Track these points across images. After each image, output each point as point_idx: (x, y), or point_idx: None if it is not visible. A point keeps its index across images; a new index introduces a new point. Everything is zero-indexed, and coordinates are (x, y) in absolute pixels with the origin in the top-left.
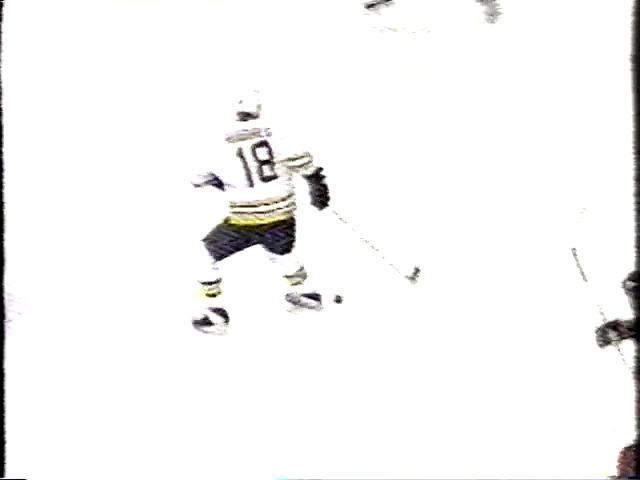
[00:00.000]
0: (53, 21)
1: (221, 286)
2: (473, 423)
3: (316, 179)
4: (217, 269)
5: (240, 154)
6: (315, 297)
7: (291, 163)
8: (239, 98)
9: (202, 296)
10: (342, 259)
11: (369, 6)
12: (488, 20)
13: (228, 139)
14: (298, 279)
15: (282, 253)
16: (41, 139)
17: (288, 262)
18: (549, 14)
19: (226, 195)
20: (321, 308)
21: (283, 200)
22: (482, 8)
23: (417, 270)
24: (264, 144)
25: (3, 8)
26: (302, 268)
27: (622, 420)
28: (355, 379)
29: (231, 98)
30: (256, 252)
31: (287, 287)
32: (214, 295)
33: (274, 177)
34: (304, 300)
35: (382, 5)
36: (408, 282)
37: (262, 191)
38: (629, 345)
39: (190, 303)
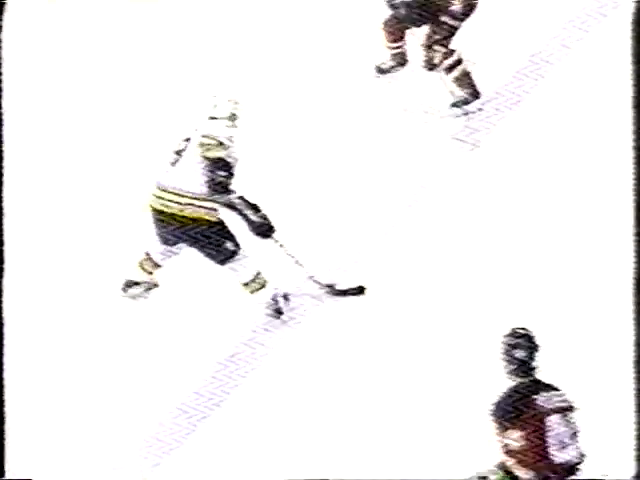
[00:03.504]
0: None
1: (157, 271)
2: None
3: (216, 166)
4: (164, 255)
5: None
6: (278, 312)
7: (199, 144)
8: (214, 103)
9: (137, 265)
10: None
11: (382, 71)
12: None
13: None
14: (255, 286)
15: (222, 262)
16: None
17: (237, 270)
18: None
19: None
20: (282, 320)
21: (197, 199)
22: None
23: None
24: (188, 139)
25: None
26: (258, 275)
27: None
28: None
29: (207, 102)
30: None
31: (248, 295)
32: (147, 272)
33: (177, 161)
34: (266, 310)
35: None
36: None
37: (171, 178)
38: None
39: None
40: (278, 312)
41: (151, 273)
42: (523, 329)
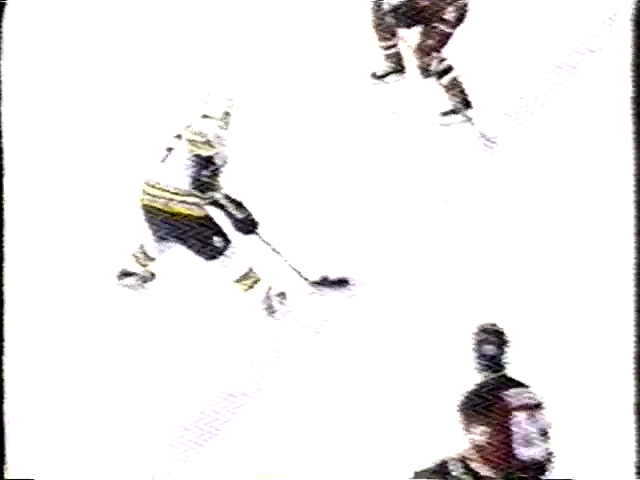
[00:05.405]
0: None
1: (151, 264)
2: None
3: (201, 164)
4: (158, 249)
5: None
6: (271, 309)
7: (188, 140)
8: (207, 100)
9: (132, 257)
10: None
11: (378, 77)
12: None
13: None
14: (248, 283)
15: (210, 258)
16: None
17: (226, 267)
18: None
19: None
20: (276, 317)
21: (179, 194)
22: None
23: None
24: (179, 136)
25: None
26: (250, 271)
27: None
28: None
29: (200, 99)
30: None
31: (241, 292)
32: (141, 264)
33: (166, 157)
34: (263, 304)
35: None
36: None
37: (158, 173)
38: None
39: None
40: (271, 310)
41: (146, 265)
42: (493, 325)
